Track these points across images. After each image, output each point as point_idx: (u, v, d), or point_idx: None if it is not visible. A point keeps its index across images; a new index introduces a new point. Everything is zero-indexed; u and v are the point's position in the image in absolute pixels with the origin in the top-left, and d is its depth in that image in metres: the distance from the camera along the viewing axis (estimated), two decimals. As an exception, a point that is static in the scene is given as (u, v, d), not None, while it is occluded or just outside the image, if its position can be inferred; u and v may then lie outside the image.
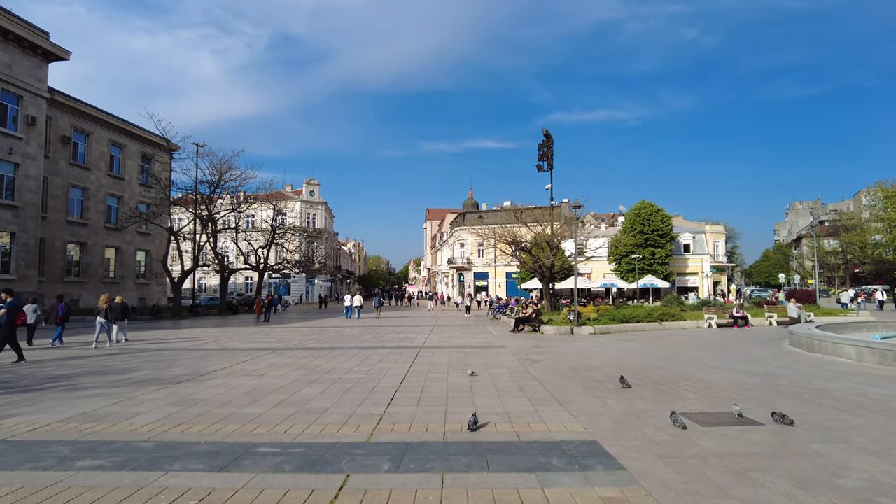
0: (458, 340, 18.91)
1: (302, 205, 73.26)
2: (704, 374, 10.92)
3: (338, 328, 25.26)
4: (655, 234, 54.52)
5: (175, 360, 13.74)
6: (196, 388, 9.72)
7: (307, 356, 14.44)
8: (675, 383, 9.79)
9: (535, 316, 22.25)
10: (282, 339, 19.67)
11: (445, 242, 79.51)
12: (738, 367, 11.77)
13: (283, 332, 23.62)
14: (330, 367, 12.17)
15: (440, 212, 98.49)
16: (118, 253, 39.77)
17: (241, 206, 45.65)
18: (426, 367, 12.14)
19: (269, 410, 7.79)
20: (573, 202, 23.12)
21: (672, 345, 16.95)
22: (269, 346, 17.46)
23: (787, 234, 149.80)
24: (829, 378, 10.16)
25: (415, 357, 13.93)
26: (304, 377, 10.87)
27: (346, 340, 19.03)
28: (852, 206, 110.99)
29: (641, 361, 12.89)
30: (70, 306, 21.38)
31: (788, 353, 14.45)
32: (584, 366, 12.17)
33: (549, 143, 33.22)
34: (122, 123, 39.59)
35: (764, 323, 24.40)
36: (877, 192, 72.58)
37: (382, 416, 7.31)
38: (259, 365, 12.80)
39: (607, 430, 6.46)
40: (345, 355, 14.46)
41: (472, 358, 13.78)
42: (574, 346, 16.75)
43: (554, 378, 10.49)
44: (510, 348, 16.10)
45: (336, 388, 9.60)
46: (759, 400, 8.18)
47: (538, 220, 31.76)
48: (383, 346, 16.98)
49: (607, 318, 23.16)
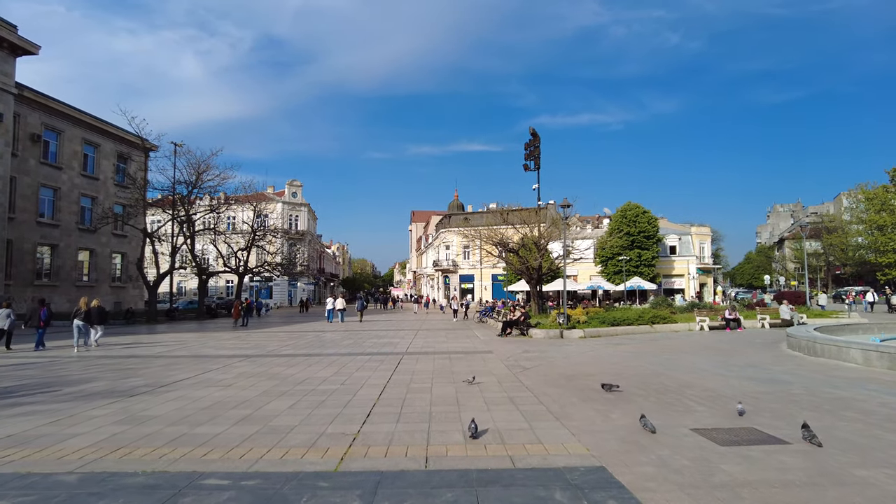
0: (443, 345, 18.02)
1: (284, 206, 71.85)
2: (707, 381, 10.17)
3: (318, 333, 24.22)
4: (642, 236, 54.13)
5: (137, 370, 12.67)
6: (151, 402, 8.71)
7: (281, 364, 13.45)
8: (679, 392, 9.01)
9: (523, 319, 21.45)
10: (257, 345, 18.62)
11: (431, 245, 78.62)
12: (741, 374, 11.04)
13: (259, 337, 22.53)
14: (304, 377, 11.21)
15: (425, 214, 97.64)
16: (92, 255, 38.27)
17: (220, 207, 44.38)
18: (409, 375, 11.23)
19: (228, 429, 6.84)
20: (562, 202, 22.38)
21: (667, 349, 16.24)
22: (243, 352, 16.42)
23: (768, 237, 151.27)
24: (843, 385, 9.45)
25: (397, 364, 13.01)
26: (274, 388, 9.90)
27: (325, 346, 18.03)
28: (832, 208, 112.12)
29: (638, 367, 12.11)
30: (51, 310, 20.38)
31: (789, 357, 13.79)
32: (579, 373, 11.36)
33: (537, 142, 32.51)
34: (97, 122, 38.11)
35: (756, 325, 23.87)
36: (858, 195, 73.33)
37: (356, 437, 6.40)
38: (227, 374, 11.80)
39: (615, 453, 5.62)
40: (321, 363, 13.49)
41: (458, 365, 12.90)
42: (565, 350, 15.96)
43: (547, 387, 9.65)
44: (498, 354, 15.25)
45: (307, 401, 8.66)
46: (776, 412, 7.42)
47: (525, 220, 30.97)
48: (364, 352, 16.03)
49: (597, 321, 22.43)
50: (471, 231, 41.46)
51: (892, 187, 57.83)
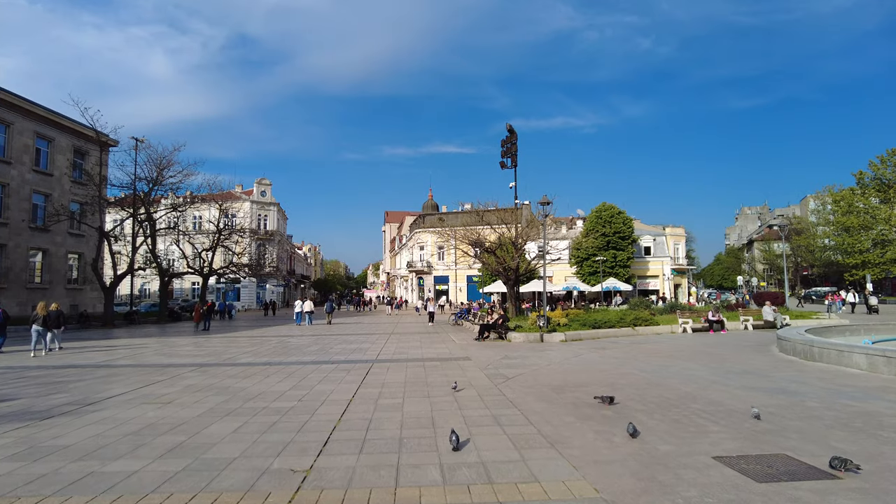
0: (417, 351, 16.76)
1: (252, 205, 69.58)
2: (710, 392, 9.16)
3: (283, 338, 22.71)
4: (617, 237, 53.72)
5: (68, 383, 11.11)
6: (67, 426, 7.28)
7: (235, 375, 12.03)
8: (683, 406, 7.96)
9: (501, 322, 20.33)
10: (214, 352, 17.09)
11: (405, 245, 77.21)
12: (743, 382, 10.08)
13: (219, 342, 20.94)
14: (258, 391, 9.84)
15: (399, 214, 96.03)
16: (45, 256, 35.90)
17: (182, 205, 42.27)
18: (377, 388, 9.96)
19: (149, 465, 5.50)
20: (541, 199, 21.36)
21: (655, 353, 15.29)
22: (197, 361, 14.90)
23: (737, 238, 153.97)
24: (860, 396, 8.53)
25: (365, 374, 11.71)
26: (221, 406, 8.54)
27: (289, 353, 16.60)
28: (798, 210, 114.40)
29: (631, 376, 11.08)
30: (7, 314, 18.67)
31: (786, 362, 12.95)
32: (568, 383, 10.25)
33: (514, 139, 31.53)
34: (51, 114, 35.74)
35: (739, 327, 23.23)
36: (825, 197, 74.63)
37: (308, 474, 5.14)
38: (171, 388, 10.36)
39: (630, 494, 4.49)
40: (280, 373, 12.11)
41: (433, 374, 11.67)
42: (548, 356, 14.86)
43: (535, 402, 8.50)
44: (476, 360, 14.07)
45: (256, 423, 7.34)
46: (803, 432, 6.40)
47: (503, 220, 29.89)
48: (330, 359, 14.66)
49: (578, 324, 21.46)
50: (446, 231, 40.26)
51: (858, 190, 58.65)
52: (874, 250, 55.89)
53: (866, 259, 55.59)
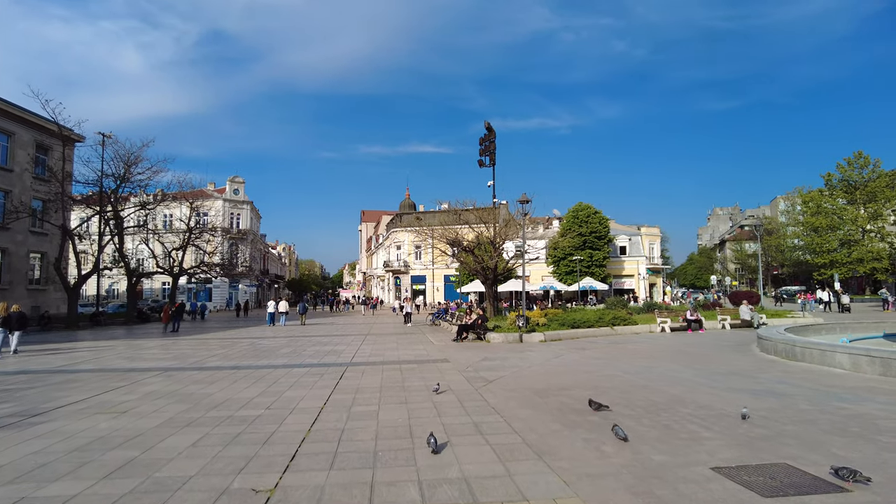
0: (393, 353, 16.24)
1: (225, 204, 67.97)
2: (697, 394, 8.87)
3: (254, 340, 21.94)
4: (593, 236, 53.90)
5: (16, 391, 10.31)
6: (5, 442, 6.59)
7: (201, 380, 11.36)
8: (672, 410, 7.63)
9: (480, 322, 19.92)
10: (181, 356, 16.31)
11: (381, 245, 76.42)
12: (729, 384, 9.83)
13: (187, 345, 20.10)
14: (223, 398, 9.23)
15: (376, 213, 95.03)
16: (5, 255, 34.22)
17: (151, 203, 40.93)
18: (351, 394, 9.42)
19: (91, 487, 4.90)
20: (520, 197, 21.02)
21: (636, 354, 15.06)
22: (162, 364, 14.14)
23: (709, 238, 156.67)
24: (850, 398, 8.32)
25: (338, 379, 11.15)
26: (182, 415, 7.92)
27: (259, 356, 15.91)
28: (769, 211, 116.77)
29: (615, 378, 10.75)
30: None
31: (768, 362, 12.81)
32: (551, 386, 9.86)
33: (492, 136, 31.24)
34: (11, 108, 34.07)
35: (717, 326, 23.25)
36: (795, 198, 76.24)
37: (271, 495, 4.61)
38: (130, 395, 9.66)
39: (629, 514, 4.08)
40: (249, 378, 11.48)
41: (411, 378, 11.18)
42: (528, 357, 14.50)
43: (519, 407, 8.08)
44: (455, 362, 13.63)
45: (219, 434, 6.76)
46: (800, 438, 6.09)
47: (481, 218, 29.47)
48: (302, 363, 14.04)
49: (557, 324, 21.19)
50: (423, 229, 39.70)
51: (826, 191, 59.95)
52: (841, 250, 57.23)
53: (834, 259, 56.89)
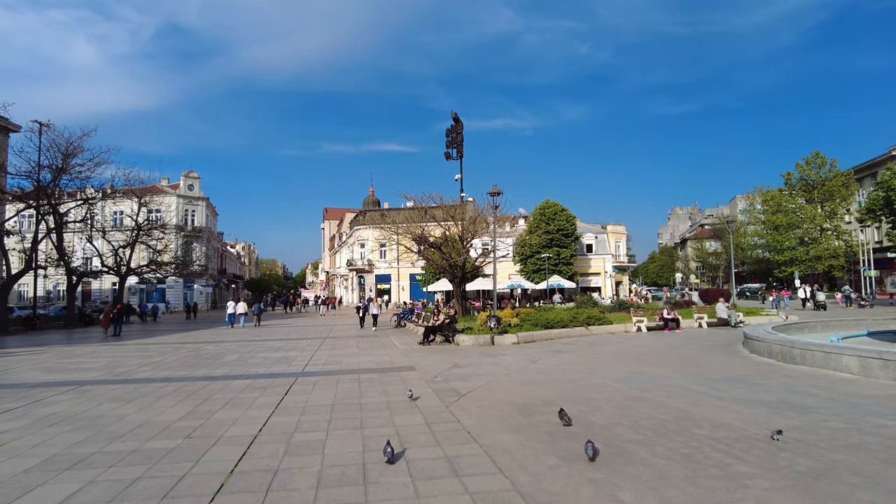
0: (352, 360, 14.58)
1: (179, 200, 64.54)
2: (706, 409, 7.59)
3: (200, 345, 19.90)
4: (560, 234, 53.12)
5: None
6: None
7: (120, 396, 9.51)
8: (686, 432, 6.29)
9: (448, 323, 18.43)
10: (110, 365, 14.28)
11: (345, 243, 74.14)
12: (735, 394, 8.61)
13: (122, 351, 17.98)
14: (136, 423, 7.46)
15: (339, 211, 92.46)
16: (-80, 253, 31.05)
17: (93, 198, 37.92)
18: (295, 416, 7.77)
19: None
20: (491, 188, 19.64)
21: (619, 357, 13.83)
22: (81, 377, 12.14)
23: (669, 237, 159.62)
24: (883, 412, 7.15)
25: (284, 394, 9.46)
26: (71, 451, 6.14)
27: (198, 365, 14.01)
28: (728, 210, 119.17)
29: (602, 388, 9.42)
30: None
31: (765, 365, 11.73)
32: (534, 400, 8.44)
33: (459, 128, 29.83)
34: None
35: (693, 325, 22.38)
36: (755, 197, 77.57)
37: None
38: (19, 421, 7.79)
39: None
40: (178, 394, 9.68)
41: (369, 393, 9.58)
42: (503, 363, 13.09)
43: (501, 432, 6.60)
44: (422, 370, 12.09)
45: (107, 482, 5.04)
46: (864, 473, 4.77)
47: (449, 214, 27.96)
48: (245, 373, 12.24)
49: (529, 324, 19.88)
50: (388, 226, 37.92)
51: (786, 189, 60.90)
52: (800, 248, 58.20)
53: (793, 256, 57.81)
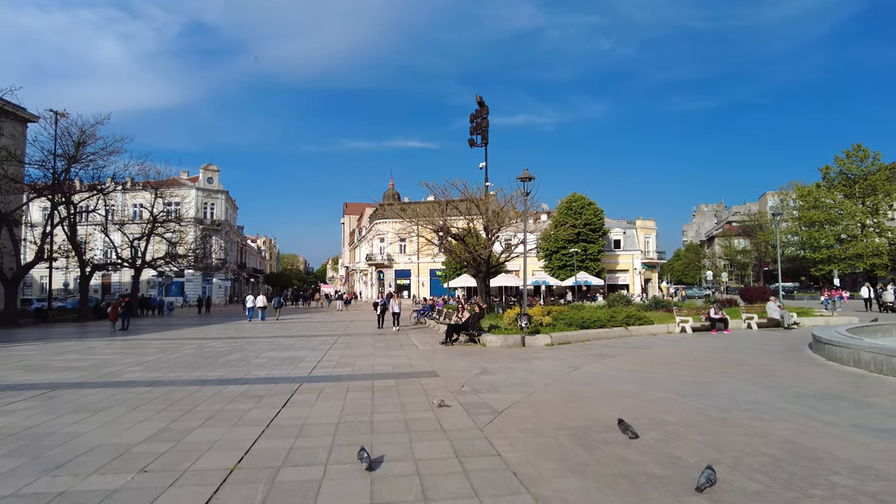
0: (366, 361, 12.98)
1: (198, 193, 63.91)
2: (822, 439, 5.78)
3: (204, 341, 18.54)
4: (587, 229, 51.02)
5: None
6: None
7: (89, 405, 8.02)
8: (814, 476, 4.52)
9: (473, 322, 16.73)
10: (97, 364, 12.91)
11: (364, 238, 72.94)
12: (848, 418, 6.76)
13: (121, 347, 16.71)
14: (90, 444, 5.93)
15: (359, 206, 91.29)
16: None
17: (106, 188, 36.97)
18: (290, 438, 6.14)
19: None
20: (522, 173, 17.84)
21: (672, 363, 11.98)
22: (58, 378, 10.75)
23: (694, 235, 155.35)
24: None
25: (282, 405, 7.87)
26: (-14, 489, 4.63)
27: (195, 365, 12.54)
28: (756, 207, 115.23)
29: (670, 404, 7.63)
30: None
31: (858, 376, 9.79)
32: (592, 423, 6.69)
33: (484, 112, 28.05)
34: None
35: (741, 326, 20.34)
36: (790, 192, 74.24)
37: None
38: (-44, 437, 6.34)
39: None
40: (159, 402, 8.16)
41: (383, 407, 7.93)
42: (540, 369, 11.35)
43: (559, 475, 4.88)
44: (446, 377, 10.42)
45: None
46: None
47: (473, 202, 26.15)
48: (244, 377, 10.70)
49: (563, 323, 18.08)
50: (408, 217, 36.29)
51: (824, 184, 57.78)
52: (839, 246, 55.16)
53: (832, 254, 54.82)
